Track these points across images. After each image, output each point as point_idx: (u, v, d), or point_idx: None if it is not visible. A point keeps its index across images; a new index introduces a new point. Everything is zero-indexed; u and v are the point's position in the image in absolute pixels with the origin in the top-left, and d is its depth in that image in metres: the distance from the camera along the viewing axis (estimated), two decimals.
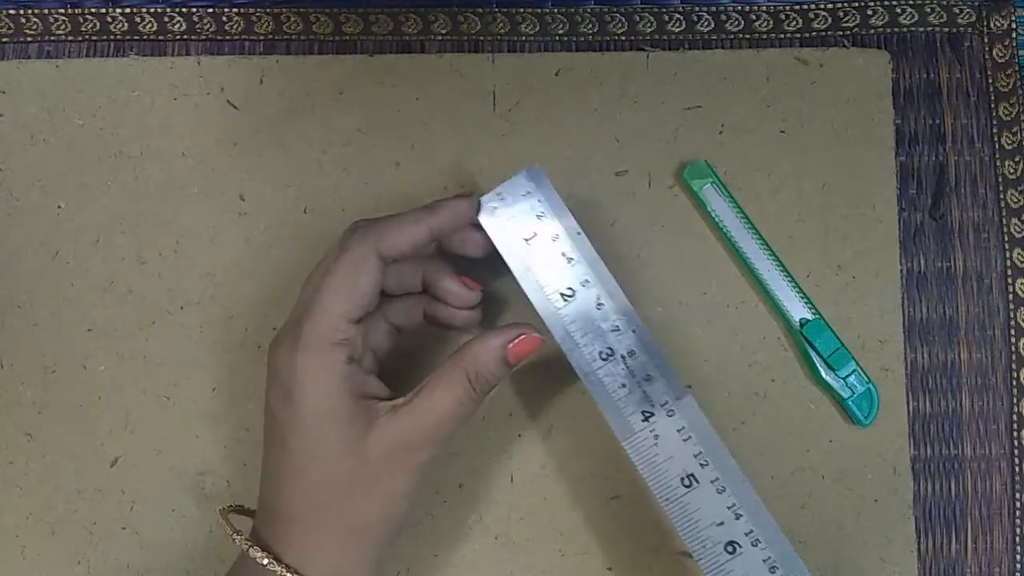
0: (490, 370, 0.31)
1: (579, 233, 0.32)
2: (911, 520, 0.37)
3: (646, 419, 0.30)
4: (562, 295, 0.32)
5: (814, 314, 0.37)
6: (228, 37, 0.40)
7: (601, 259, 0.32)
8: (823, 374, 0.37)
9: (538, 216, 0.32)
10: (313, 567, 0.30)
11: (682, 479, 0.30)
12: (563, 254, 0.32)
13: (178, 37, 0.40)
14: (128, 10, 0.40)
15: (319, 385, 0.30)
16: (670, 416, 0.30)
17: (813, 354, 0.37)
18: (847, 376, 0.37)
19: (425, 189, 0.38)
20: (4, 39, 0.40)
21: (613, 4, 0.40)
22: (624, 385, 0.31)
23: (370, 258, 0.31)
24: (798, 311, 0.37)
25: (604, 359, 0.31)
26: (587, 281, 0.32)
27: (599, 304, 0.31)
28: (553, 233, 0.32)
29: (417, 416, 0.30)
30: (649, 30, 0.40)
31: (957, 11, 0.39)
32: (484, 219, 0.32)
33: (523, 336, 0.31)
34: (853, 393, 0.37)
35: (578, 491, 0.37)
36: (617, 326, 0.31)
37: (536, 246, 0.32)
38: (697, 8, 0.40)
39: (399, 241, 0.31)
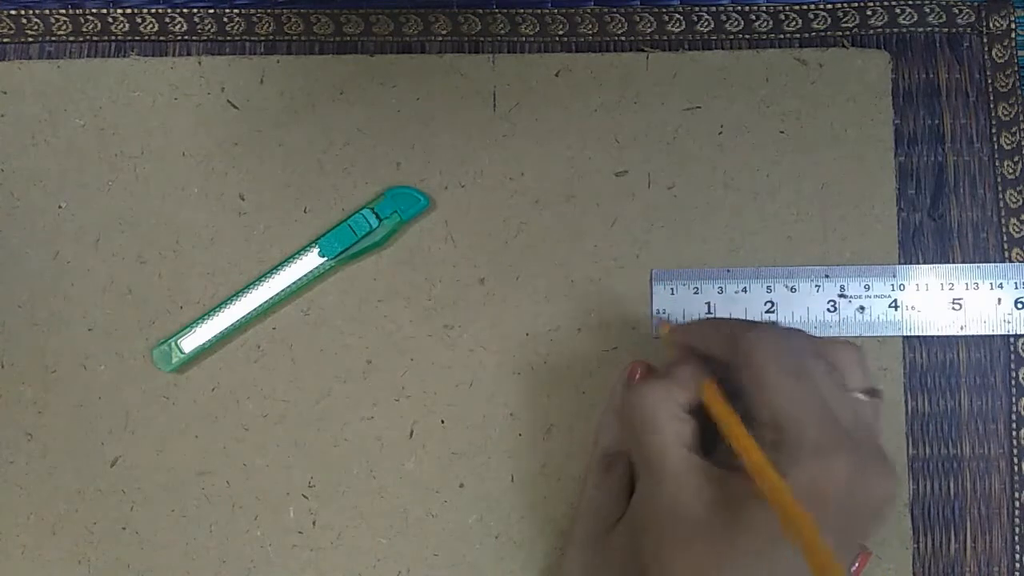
0: None
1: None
2: (907, 518, 0.37)
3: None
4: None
5: None
6: (229, 38, 0.40)
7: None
8: None
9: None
10: None
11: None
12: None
13: (179, 37, 0.40)
14: (129, 10, 0.40)
15: None
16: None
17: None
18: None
19: (425, 189, 0.39)
20: (5, 39, 0.40)
21: (613, 5, 0.40)
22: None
23: None
24: None
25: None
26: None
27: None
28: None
29: None
30: (649, 31, 0.40)
31: (956, 11, 0.39)
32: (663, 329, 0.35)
33: (863, 556, 0.32)
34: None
35: (578, 491, 0.37)
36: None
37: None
38: (697, 8, 0.40)
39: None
